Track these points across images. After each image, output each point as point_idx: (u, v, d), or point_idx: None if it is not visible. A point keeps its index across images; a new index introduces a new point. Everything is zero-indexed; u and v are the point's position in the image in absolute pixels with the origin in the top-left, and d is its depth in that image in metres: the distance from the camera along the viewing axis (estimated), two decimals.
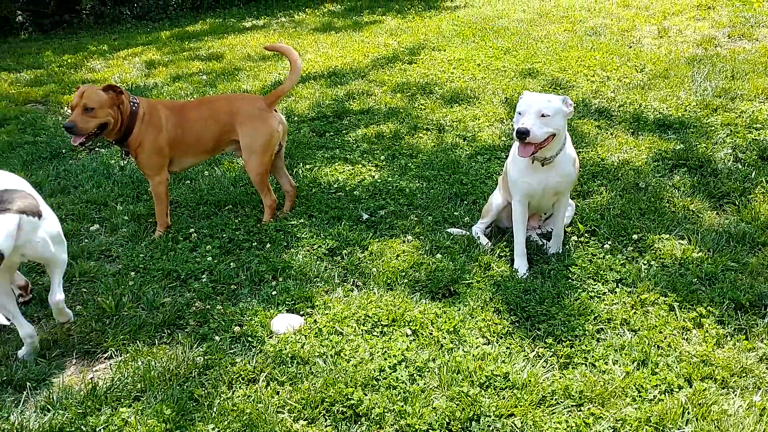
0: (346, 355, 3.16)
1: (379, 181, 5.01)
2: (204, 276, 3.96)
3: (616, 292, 3.58)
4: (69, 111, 4.40)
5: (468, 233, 4.23)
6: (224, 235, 4.36)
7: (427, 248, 4.07)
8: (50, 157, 5.96)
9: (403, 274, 3.82)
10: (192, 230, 4.45)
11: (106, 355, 3.37)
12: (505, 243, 4.07)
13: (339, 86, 7.24)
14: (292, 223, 4.46)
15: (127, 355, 3.30)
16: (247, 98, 4.53)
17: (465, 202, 4.66)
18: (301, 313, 3.54)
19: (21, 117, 6.93)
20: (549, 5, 10.21)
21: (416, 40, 8.80)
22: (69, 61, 9.30)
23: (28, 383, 3.13)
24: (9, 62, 9.34)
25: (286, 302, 3.61)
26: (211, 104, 4.45)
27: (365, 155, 5.47)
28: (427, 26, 9.57)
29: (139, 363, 3.19)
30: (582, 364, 3.09)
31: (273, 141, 4.37)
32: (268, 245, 4.23)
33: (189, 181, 5.28)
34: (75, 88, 4.25)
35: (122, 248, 4.40)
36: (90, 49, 10.09)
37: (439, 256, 3.96)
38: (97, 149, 6.06)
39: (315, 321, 3.45)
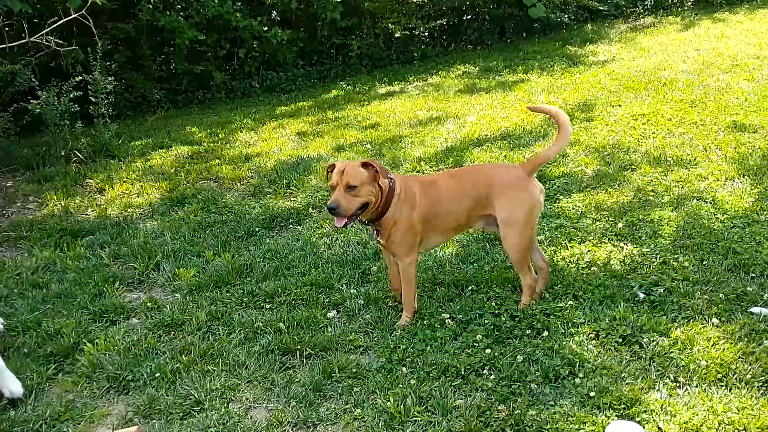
0: None
1: (634, 253, 4.47)
2: (485, 371, 3.48)
3: None
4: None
5: None
6: (486, 321, 3.89)
7: (742, 332, 3.48)
8: (245, 236, 5.70)
9: (733, 366, 3.23)
10: (446, 316, 3.99)
11: None
12: None
13: (521, 148, 6.81)
14: (559, 305, 3.95)
15: None
16: (503, 167, 4.14)
17: (751, 274, 4.06)
18: (637, 419, 2.99)
19: (198, 195, 6.75)
20: (709, 55, 9.61)
21: (582, 97, 8.33)
22: (221, 135, 9.24)
23: None
24: (162, 139, 9.35)
25: (612, 405, 3.08)
26: (462, 176, 4.06)
27: (596, 224, 4.96)
28: (586, 81, 9.11)
29: None
30: None
31: (535, 213, 3.92)
32: (545, 333, 3.72)
33: None
34: (327, 167, 3.92)
35: (369, 337, 3.99)
36: (235, 122, 10.05)
37: (766, 343, 3.36)
38: (291, 226, 5.77)
39: (660, 429, 2.89)
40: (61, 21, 6.90)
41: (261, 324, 4.18)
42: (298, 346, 3.91)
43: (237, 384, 3.68)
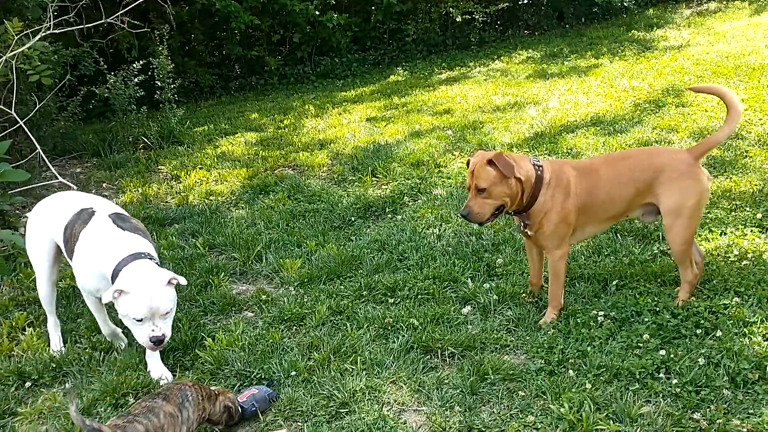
0: None
1: None
2: (662, 374, 3.18)
3: None
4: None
5: None
6: (646, 320, 3.58)
7: None
8: (342, 225, 5.43)
9: None
10: (600, 313, 3.69)
11: None
12: None
13: (618, 134, 6.47)
14: (723, 302, 3.64)
15: None
16: (668, 151, 3.82)
17: None
18: None
19: (281, 183, 6.49)
20: None
21: (668, 82, 7.97)
22: (286, 122, 8.98)
23: None
24: (224, 125, 9.10)
25: None
26: (623, 160, 3.72)
27: (732, 213, 4.63)
28: (667, 66, 8.73)
29: None
30: None
31: (703, 202, 3.60)
32: (718, 332, 3.41)
33: None
34: (467, 162, 3.63)
35: (513, 335, 3.70)
36: (296, 108, 9.78)
37: None
38: (389, 215, 5.49)
39: None
40: (137, 2, 6.61)
41: (390, 320, 3.91)
42: (439, 345, 3.63)
43: (380, 384, 3.41)
